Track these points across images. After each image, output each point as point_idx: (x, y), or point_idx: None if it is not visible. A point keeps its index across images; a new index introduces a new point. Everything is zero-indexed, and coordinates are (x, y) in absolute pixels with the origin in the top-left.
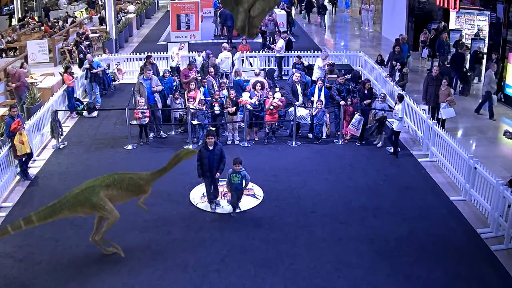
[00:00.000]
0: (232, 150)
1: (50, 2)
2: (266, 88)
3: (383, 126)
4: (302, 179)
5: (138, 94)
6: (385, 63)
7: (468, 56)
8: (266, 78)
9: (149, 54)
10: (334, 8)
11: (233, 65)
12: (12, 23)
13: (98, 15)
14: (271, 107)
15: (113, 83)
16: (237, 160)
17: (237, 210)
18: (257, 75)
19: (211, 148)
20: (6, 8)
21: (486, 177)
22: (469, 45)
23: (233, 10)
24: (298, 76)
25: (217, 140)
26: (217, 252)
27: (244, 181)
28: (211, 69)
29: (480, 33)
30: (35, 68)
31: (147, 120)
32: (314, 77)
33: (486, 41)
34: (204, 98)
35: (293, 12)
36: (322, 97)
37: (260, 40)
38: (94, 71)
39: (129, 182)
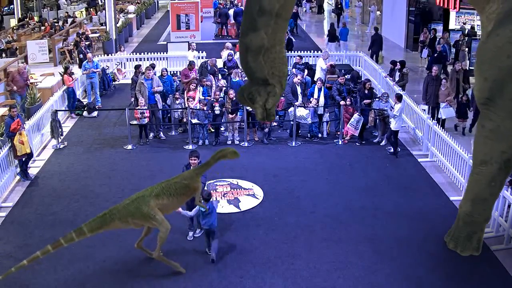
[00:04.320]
0: None
1: (50, 2)
2: None
3: (385, 123)
4: (302, 179)
5: (139, 94)
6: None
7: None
8: None
9: (138, 63)
10: (338, 18)
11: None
12: (11, 24)
13: (96, 15)
14: None
15: (113, 83)
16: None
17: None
18: None
19: None
20: (6, 8)
21: None
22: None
23: (251, 106)
24: (300, 79)
25: (216, 138)
26: (217, 252)
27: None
28: (217, 72)
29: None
30: (35, 68)
31: (146, 120)
32: (316, 78)
33: None
34: (203, 97)
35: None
36: (322, 97)
37: None
38: (94, 70)
39: (176, 186)
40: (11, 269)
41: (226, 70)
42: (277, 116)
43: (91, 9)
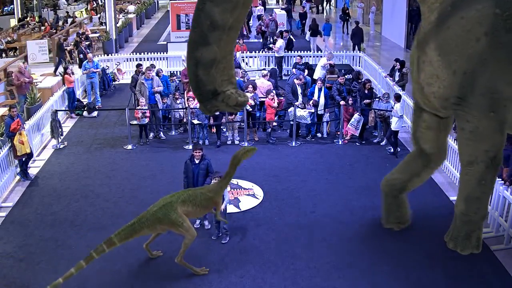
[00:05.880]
0: (232, 150)
1: (50, 2)
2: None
3: (387, 124)
4: (302, 179)
5: (139, 94)
6: None
7: None
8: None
9: (139, 62)
10: (345, 24)
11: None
12: (11, 24)
13: (96, 16)
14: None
15: (113, 83)
16: (215, 175)
17: (220, 233)
18: (264, 76)
19: (197, 161)
20: (6, 8)
21: None
22: None
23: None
24: (301, 79)
25: (218, 140)
26: (217, 252)
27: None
28: None
29: None
30: (35, 68)
31: (147, 120)
32: (316, 76)
33: None
34: None
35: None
36: (322, 97)
37: (260, 40)
38: (95, 70)
39: (201, 197)
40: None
41: None
42: (277, 116)
43: (91, 10)
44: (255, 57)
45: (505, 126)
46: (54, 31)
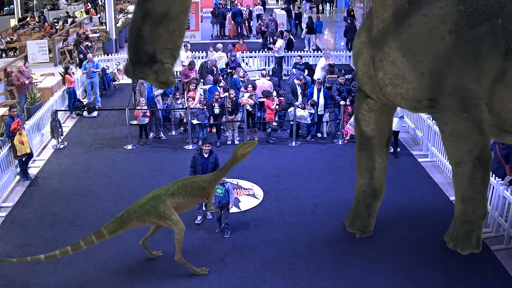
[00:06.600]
0: (232, 151)
1: (50, 2)
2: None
3: None
4: (302, 179)
5: (139, 94)
6: None
7: None
8: (272, 77)
9: None
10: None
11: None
12: (11, 24)
13: (96, 15)
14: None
15: (113, 83)
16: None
17: (221, 227)
18: (264, 76)
19: (206, 155)
20: (6, 8)
21: None
22: None
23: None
24: (301, 80)
25: (217, 139)
26: (217, 252)
27: (228, 196)
28: (215, 72)
29: None
30: (35, 68)
31: (147, 120)
32: (316, 77)
33: None
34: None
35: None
36: (322, 97)
37: (260, 40)
38: (95, 70)
39: (192, 186)
40: (27, 258)
41: (229, 70)
42: (277, 116)
43: (91, 9)
44: (255, 57)
45: (484, 125)
46: (54, 31)
